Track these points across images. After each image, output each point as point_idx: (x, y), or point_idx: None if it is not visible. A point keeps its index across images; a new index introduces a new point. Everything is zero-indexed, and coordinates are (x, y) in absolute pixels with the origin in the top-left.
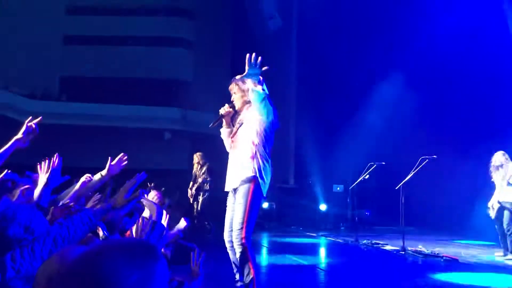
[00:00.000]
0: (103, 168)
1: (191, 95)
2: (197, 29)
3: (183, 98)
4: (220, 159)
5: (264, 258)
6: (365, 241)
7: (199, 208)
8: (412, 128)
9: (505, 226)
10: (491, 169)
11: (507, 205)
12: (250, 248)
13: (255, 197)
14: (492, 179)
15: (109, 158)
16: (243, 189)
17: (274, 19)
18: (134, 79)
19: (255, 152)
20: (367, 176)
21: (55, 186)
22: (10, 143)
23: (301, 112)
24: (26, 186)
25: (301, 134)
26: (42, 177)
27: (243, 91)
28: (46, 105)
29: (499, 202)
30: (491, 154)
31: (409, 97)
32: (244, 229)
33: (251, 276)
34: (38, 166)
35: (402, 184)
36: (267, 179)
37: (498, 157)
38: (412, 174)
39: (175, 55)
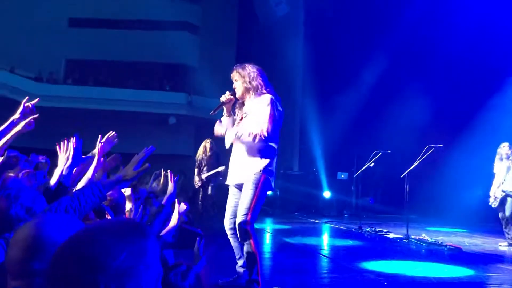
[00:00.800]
0: (108, 152)
1: (196, 80)
2: (203, 14)
3: (189, 83)
4: (222, 145)
5: (267, 243)
6: (368, 228)
7: (207, 194)
8: (419, 117)
9: (508, 214)
10: (496, 158)
11: (510, 194)
12: (254, 234)
13: (263, 187)
14: (494, 170)
15: (99, 136)
16: (252, 179)
17: (281, 5)
18: (139, 63)
19: (263, 146)
20: (372, 164)
21: (76, 166)
22: (7, 123)
23: (307, 99)
24: (27, 170)
25: (306, 121)
26: (62, 157)
27: (243, 77)
28: (51, 88)
29: (503, 191)
30: (496, 144)
31: (416, 86)
32: (249, 215)
33: (255, 262)
34: (57, 147)
35: (407, 173)
36: (274, 171)
37: (505, 149)
38: (417, 162)
39: (181, 40)
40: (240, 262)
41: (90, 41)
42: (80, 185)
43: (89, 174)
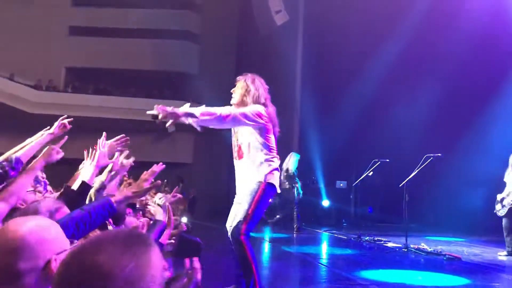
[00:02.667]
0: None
1: (196, 88)
2: (203, 22)
3: (189, 91)
4: (221, 153)
5: (266, 252)
6: (367, 237)
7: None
8: (418, 126)
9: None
10: (509, 168)
11: None
12: (248, 244)
13: (263, 197)
14: (505, 179)
15: (104, 133)
16: (252, 187)
17: (281, 13)
18: (139, 71)
19: (262, 159)
20: (371, 173)
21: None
22: (42, 137)
23: (306, 107)
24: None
25: (305, 129)
26: (90, 166)
27: (246, 91)
28: (51, 96)
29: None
30: (499, 153)
31: (415, 94)
32: (244, 225)
33: (252, 273)
34: (85, 153)
35: (406, 182)
36: (276, 181)
37: None
38: (416, 171)
39: (181, 48)
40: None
41: (90, 49)
42: (94, 189)
43: (102, 177)
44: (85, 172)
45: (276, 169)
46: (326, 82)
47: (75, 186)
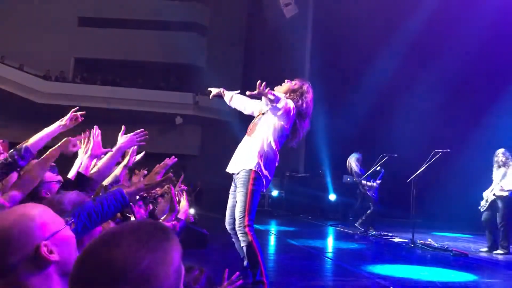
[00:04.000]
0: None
1: (204, 80)
2: (211, 14)
3: (196, 83)
4: (229, 145)
5: (272, 245)
6: (374, 232)
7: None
8: (427, 120)
9: (499, 220)
10: (494, 167)
11: (499, 201)
12: (254, 235)
13: (255, 186)
14: (493, 177)
15: (123, 127)
16: (244, 178)
17: (290, 6)
18: (147, 62)
19: (265, 149)
20: (379, 167)
21: (97, 157)
22: (54, 127)
23: (314, 101)
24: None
25: (313, 123)
26: (82, 149)
27: (298, 91)
28: (60, 87)
29: (494, 195)
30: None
31: (425, 89)
32: (246, 217)
33: (258, 264)
34: (77, 141)
35: (414, 177)
36: (269, 175)
37: (500, 156)
38: (424, 167)
39: (189, 40)
40: (245, 262)
41: (99, 40)
42: (107, 181)
43: (117, 172)
44: (79, 162)
45: (270, 163)
46: (334, 76)
47: (70, 175)
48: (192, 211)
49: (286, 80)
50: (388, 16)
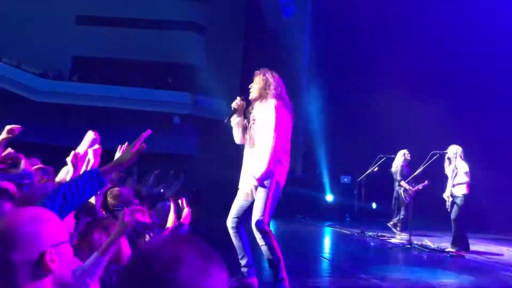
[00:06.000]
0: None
1: (201, 80)
2: (210, 14)
3: (194, 82)
4: (227, 145)
5: None
6: (370, 233)
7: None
8: (424, 122)
9: (452, 217)
10: (446, 161)
11: (457, 199)
12: (272, 233)
13: (275, 191)
14: (446, 172)
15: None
16: (264, 183)
17: (289, 6)
18: (145, 61)
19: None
20: (376, 168)
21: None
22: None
23: (312, 101)
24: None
25: (311, 123)
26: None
27: (266, 85)
28: (57, 85)
29: (451, 196)
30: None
31: (422, 91)
32: (266, 217)
33: (279, 260)
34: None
35: (411, 178)
36: (282, 179)
37: (450, 151)
38: (422, 168)
39: (187, 39)
40: (243, 262)
41: (96, 39)
42: None
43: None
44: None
45: (285, 168)
46: (332, 76)
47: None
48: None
49: (249, 86)
50: (386, 16)
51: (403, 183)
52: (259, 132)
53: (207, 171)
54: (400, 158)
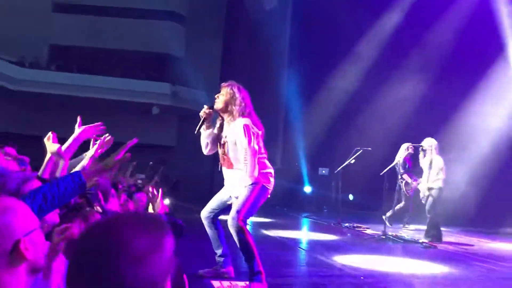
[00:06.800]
0: (89, 140)
1: (181, 71)
2: (190, 3)
3: (173, 73)
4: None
5: None
6: (347, 224)
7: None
8: (401, 115)
9: (427, 209)
10: (420, 154)
11: (432, 191)
12: (247, 229)
13: (259, 194)
14: (421, 165)
15: (78, 118)
16: (249, 188)
17: None
18: (124, 51)
19: (256, 175)
20: (353, 161)
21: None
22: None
23: (292, 94)
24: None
25: (291, 116)
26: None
27: (232, 98)
28: (34, 74)
29: (427, 187)
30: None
31: (399, 84)
32: (242, 214)
33: (254, 256)
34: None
35: (387, 170)
36: (270, 184)
37: (425, 143)
38: (396, 161)
39: (167, 29)
40: (219, 252)
41: (74, 27)
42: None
43: (84, 162)
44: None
45: (269, 172)
46: (313, 67)
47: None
48: (167, 201)
49: (216, 96)
50: (368, 7)
51: (405, 176)
52: (236, 155)
53: (186, 162)
54: (403, 151)
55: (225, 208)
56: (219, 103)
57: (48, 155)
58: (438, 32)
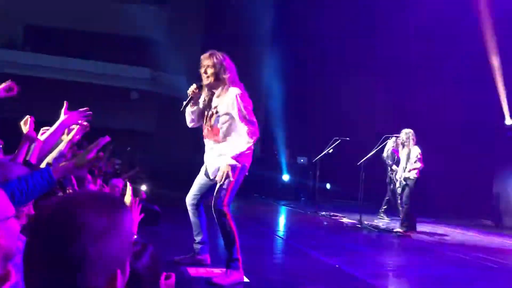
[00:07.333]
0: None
1: (161, 55)
2: None
3: (154, 58)
4: (185, 123)
5: None
6: (324, 212)
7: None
8: (380, 106)
9: (404, 199)
10: (399, 146)
11: (408, 181)
12: (230, 214)
13: (239, 175)
14: (399, 155)
15: (65, 103)
16: (229, 168)
17: None
18: (103, 34)
19: (242, 143)
20: (331, 150)
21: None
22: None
23: (273, 81)
24: None
25: (271, 104)
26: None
27: (222, 68)
28: (8, 54)
29: (403, 178)
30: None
31: (378, 75)
32: (226, 198)
33: (234, 241)
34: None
35: (363, 161)
36: (248, 162)
37: (403, 135)
38: (374, 151)
39: (147, 13)
40: (198, 239)
41: (52, 7)
42: (51, 157)
43: (61, 147)
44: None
45: (251, 151)
46: (294, 56)
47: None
48: (144, 187)
49: (202, 72)
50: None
51: (395, 167)
52: (225, 127)
53: (165, 149)
54: (391, 143)
55: (207, 192)
56: (210, 78)
57: (24, 139)
58: (418, 19)
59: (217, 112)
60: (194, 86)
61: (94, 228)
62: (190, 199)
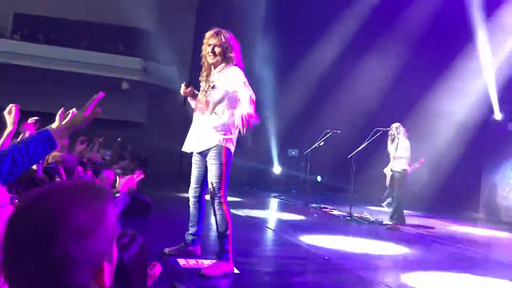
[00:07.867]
0: (53, 113)
1: (152, 45)
2: None
3: (144, 48)
4: (176, 114)
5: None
6: (314, 204)
7: None
8: (371, 99)
9: (392, 192)
10: (389, 139)
11: (396, 174)
12: (228, 205)
13: (229, 157)
14: (388, 149)
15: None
16: (217, 150)
17: None
18: (94, 23)
19: (232, 123)
20: (322, 143)
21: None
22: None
23: (265, 73)
24: None
25: (263, 95)
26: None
27: (229, 46)
28: None
29: (392, 170)
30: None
31: (370, 68)
32: (223, 189)
33: (228, 233)
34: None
35: (354, 153)
36: (233, 146)
37: (392, 129)
38: (365, 144)
39: (138, 2)
40: (192, 230)
41: None
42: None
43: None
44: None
45: (236, 134)
46: (286, 48)
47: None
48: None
49: (207, 51)
50: None
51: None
52: (219, 99)
53: (155, 139)
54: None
55: (205, 181)
56: (217, 57)
57: (9, 129)
58: (410, 17)
59: (213, 87)
60: (183, 87)
61: (76, 224)
62: (192, 192)
